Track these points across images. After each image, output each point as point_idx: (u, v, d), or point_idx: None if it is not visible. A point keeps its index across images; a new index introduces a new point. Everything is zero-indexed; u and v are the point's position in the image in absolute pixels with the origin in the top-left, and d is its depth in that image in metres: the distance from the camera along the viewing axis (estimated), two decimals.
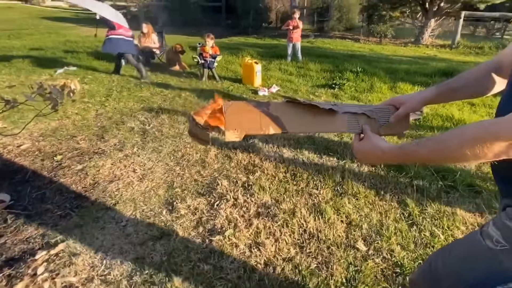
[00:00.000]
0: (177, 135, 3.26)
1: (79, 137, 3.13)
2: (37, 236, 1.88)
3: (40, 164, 2.64)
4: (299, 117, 0.86)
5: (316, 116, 0.87)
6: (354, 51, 9.97)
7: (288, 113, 0.86)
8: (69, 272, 1.64)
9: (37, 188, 2.34)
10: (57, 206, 2.15)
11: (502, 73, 0.84)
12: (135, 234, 1.92)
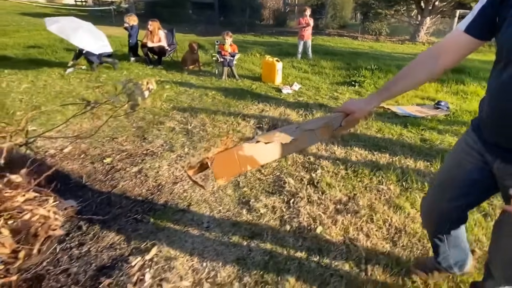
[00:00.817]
0: (223, 134, 3.25)
1: (119, 139, 3.07)
2: (121, 242, 1.84)
3: (91, 167, 2.57)
4: (269, 149, 1.06)
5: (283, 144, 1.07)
6: (356, 48, 10.18)
7: (259, 150, 1.06)
8: (173, 277, 1.62)
9: (99, 192, 2.28)
10: (129, 210, 2.11)
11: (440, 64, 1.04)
12: (224, 235, 1.91)
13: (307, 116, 3.90)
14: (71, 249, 1.76)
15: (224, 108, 4.03)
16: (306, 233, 1.93)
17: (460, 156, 1.16)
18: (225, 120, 3.60)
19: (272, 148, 1.06)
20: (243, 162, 1.04)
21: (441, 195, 1.25)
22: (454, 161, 1.21)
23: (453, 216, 1.27)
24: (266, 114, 3.88)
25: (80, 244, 1.80)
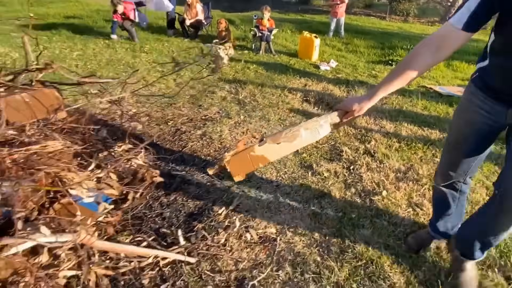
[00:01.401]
0: (272, 104, 3.32)
1: (177, 105, 3.17)
2: (202, 194, 1.98)
3: (158, 128, 2.70)
4: (277, 149, 1.23)
5: (289, 143, 1.22)
6: (385, 28, 9.86)
7: (268, 150, 1.22)
8: (257, 225, 1.75)
9: (171, 151, 2.42)
10: (202, 167, 2.24)
11: (436, 59, 1.07)
12: (294, 193, 2.03)
13: (350, 92, 3.91)
14: (160, 198, 1.91)
15: (268, 81, 4.07)
16: (372, 196, 2.02)
17: (469, 116, 1.24)
18: (272, 92, 3.66)
19: (279, 147, 1.23)
20: (255, 161, 1.25)
21: (457, 153, 1.35)
22: (464, 121, 1.29)
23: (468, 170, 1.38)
24: (310, 89, 3.91)
25: (166, 194, 1.95)
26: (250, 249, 1.60)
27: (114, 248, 1.32)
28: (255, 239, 1.66)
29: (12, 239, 1.07)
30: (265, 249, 1.61)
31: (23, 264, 1.29)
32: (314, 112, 3.24)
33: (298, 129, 1.23)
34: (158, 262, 1.46)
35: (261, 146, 1.22)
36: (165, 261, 1.47)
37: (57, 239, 1.14)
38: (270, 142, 1.22)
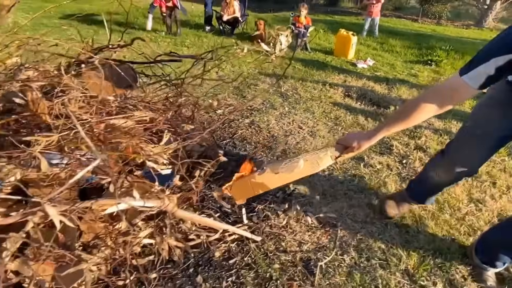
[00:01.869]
0: (315, 98, 3.28)
1: (222, 95, 3.20)
2: None
3: (207, 116, 2.73)
4: (276, 178, 1.30)
5: (288, 173, 1.28)
6: (418, 30, 9.57)
7: (268, 178, 1.30)
8: (316, 210, 1.73)
9: (222, 137, 2.44)
10: (253, 153, 2.24)
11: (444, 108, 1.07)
12: (348, 182, 1.99)
13: (391, 90, 3.81)
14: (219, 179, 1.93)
15: (307, 76, 4.04)
16: None
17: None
18: (314, 86, 3.62)
19: (278, 177, 1.29)
20: (256, 187, 1.33)
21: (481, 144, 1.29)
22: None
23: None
24: (350, 85, 3.84)
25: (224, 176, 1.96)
26: (312, 232, 1.58)
27: (193, 218, 1.34)
28: (315, 223, 1.64)
29: (107, 200, 1.11)
30: (326, 233, 1.59)
31: (104, 229, 1.34)
32: (358, 107, 3.18)
33: (298, 160, 1.29)
34: (225, 238, 1.47)
35: (261, 175, 1.31)
36: (231, 238, 1.48)
37: (145, 204, 1.17)
38: (270, 171, 1.30)
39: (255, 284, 1.30)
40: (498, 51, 0.92)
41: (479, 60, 0.97)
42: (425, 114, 1.08)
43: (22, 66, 1.42)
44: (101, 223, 1.36)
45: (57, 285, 1.10)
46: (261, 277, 1.33)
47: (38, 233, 1.07)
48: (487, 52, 0.96)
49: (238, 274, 1.34)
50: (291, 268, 1.38)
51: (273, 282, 1.31)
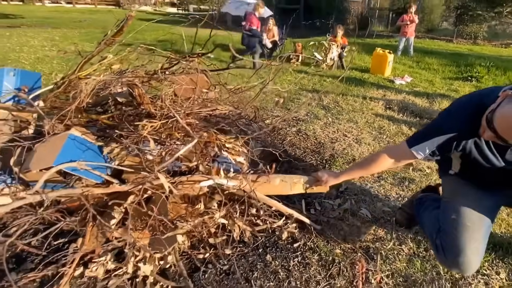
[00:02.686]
0: (356, 110, 3.38)
1: (268, 108, 3.40)
2: None
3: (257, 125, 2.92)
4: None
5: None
6: (454, 50, 9.37)
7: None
8: (369, 207, 1.79)
9: (272, 143, 2.59)
10: (303, 157, 2.36)
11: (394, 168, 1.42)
12: (398, 184, 2.03)
13: (432, 103, 3.79)
14: None
15: (346, 91, 4.15)
16: None
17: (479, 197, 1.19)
18: (354, 100, 3.72)
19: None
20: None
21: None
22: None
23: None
24: (390, 98, 3.89)
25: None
26: (368, 225, 1.65)
27: (264, 198, 1.48)
28: (370, 217, 1.71)
29: (199, 177, 1.29)
30: (382, 226, 1.64)
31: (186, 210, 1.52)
32: (400, 118, 3.21)
33: (276, 177, 1.48)
34: (287, 225, 1.59)
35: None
36: (293, 225, 1.59)
37: (228, 182, 1.33)
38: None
39: (319, 265, 1.39)
40: (436, 132, 1.11)
41: (424, 136, 1.15)
42: (381, 168, 1.34)
43: (126, 70, 1.71)
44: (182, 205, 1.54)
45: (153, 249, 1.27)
46: (324, 259, 1.42)
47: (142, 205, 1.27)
48: (430, 130, 1.16)
49: (303, 255, 1.43)
50: (352, 254, 1.45)
51: (336, 264, 1.39)
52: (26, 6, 23.59)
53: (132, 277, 1.27)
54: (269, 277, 1.32)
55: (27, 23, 12.71)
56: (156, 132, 1.37)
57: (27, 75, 1.60)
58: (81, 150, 1.28)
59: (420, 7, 14.77)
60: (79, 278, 1.26)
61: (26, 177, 1.29)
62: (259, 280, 1.30)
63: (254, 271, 1.34)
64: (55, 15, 17.60)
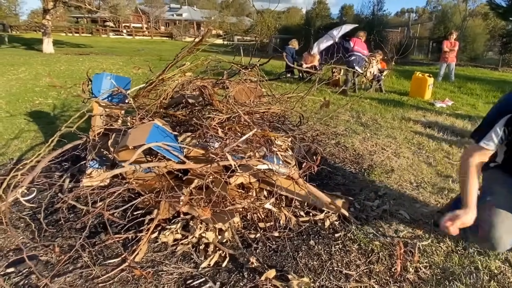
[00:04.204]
0: (395, 127, 3.44)
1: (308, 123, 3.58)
2: (349, 183, 2.20)
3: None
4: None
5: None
6: (499, 78, 8.94)
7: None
8: (407, 209, 1.85)
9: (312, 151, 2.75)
10: (342, 166, 2.48)
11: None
12: (437, 193, 2.06)
13: (474, 125, 3.71)
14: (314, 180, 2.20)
15: (385, 111, 4.21)
16: None
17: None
18: (393, 118, 3.78)
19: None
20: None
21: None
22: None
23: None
24: (430, 119, 3.88)
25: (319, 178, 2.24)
26: (405, 224, 1.71)
27: (310, 188, 1.64)
28: (408, 218, 1.77)
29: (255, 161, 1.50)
30: (419, 227, 1.70)
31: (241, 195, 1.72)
32: (440, 137, 3.21)
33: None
34: (328, 218, 1.71)
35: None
36: (333, 218, 1.71)
37: (279, 169, 1.52)
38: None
39: (359, 252, 1.49)
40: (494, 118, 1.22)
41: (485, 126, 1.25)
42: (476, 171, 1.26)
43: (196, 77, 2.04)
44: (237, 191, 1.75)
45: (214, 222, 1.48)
46: (364, 249, 1.52)
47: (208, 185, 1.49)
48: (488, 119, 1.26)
49: (343, 243, 1.54)
50: (390, 246, 1.53)
51: (375, 253, 1.48)
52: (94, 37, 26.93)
53: (195, 245, 1.47)
54: (313, 257, 1.45)
55: (95, 51, 14.50)
56: (221, 126, 1.63)
57: (119, 79, 1.97)
58: (163, 136, 1.56)
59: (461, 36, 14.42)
60: (153, 243, 1.49)
61: (118, 157, 1.59)
62: (303, 259, 1.43)
63: (299, 252, 1.48)
64: (118, 45, 19.84)
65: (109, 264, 1.34)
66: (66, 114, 3.69)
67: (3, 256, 1.40)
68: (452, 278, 1.33)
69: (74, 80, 5.99)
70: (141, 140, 1.42)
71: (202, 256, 1.41)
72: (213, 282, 1.27)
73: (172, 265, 1.36)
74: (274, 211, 1.69)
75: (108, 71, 7.69)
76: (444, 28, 14.57)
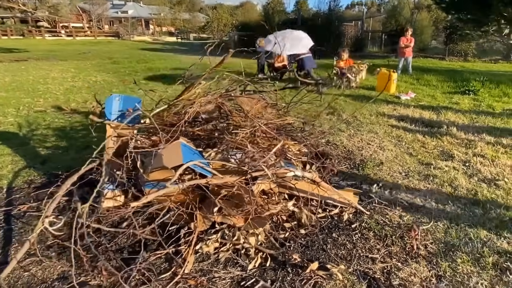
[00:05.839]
0: (374, 122, 3.88)
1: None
2: (348, 178, 2.52)
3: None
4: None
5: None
6: (448, 67, 10.14)
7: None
8: (405, 197, 2.22)
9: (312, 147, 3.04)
10: (338, 162, 2.80)
11: None
12: (424, 179, 2.47)
13: (438, 115, 4.31)
14: None
15: (360, 107, 4.67)
16: (496, 182, 2.38)
17: None
18: (370, 114, 4.24)
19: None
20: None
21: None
22: None
23: None
24: (401, 113, 4.41)
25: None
26: (406, 210, 2.07)
27: (330, 188, 1.90)
28: (407, 204, 2.13)
29: (284, 170, 1.72)
30: (419, 212, 2.06)
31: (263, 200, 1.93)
32: (414, 128, 3.71)
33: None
34: (346, 211, 2.00)
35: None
36: (350, 212, 2.00)
37: (303, 174, 1.77)
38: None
39: (375, 238, 1.80)
40: None
41: None
42: None
43: (207, 93, 2.19)
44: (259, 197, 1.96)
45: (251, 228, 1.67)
46: (379, 235, 1.83)
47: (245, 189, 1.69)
48: None
49: (361, 232, 1.84)
50: (399, 230, 1.86)
51: (389, 237, 1.80)
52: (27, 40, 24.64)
53: (235, 251, 1.66)
54: (340, 248, 1.72)
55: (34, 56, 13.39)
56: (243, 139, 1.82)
57: (128, 99, 2.06)
58: (192, 153, 1.71)
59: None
60: (195, 254, 1.65)
61: (148, 177, 1.71)
62: (333, 250, 1.70)
63: (327, 244, 1.74)
64: (58, 48, 18.46)
65: (163, 279, 1.48)
66: (38, 133, 3.54)
67: (49, 287, 1.45)
68: (454, 249, 1.69)
69: (29, 93, 5.63)
70: (178, 160, 1.56)
71: (246, 259, 1.60)
72: (264, 281, 1.47)
73: (221, 271, 1.53)
74: (296, 211, 1.94)
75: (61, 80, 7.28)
76: (395, 21, 15.93)
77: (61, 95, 5.52)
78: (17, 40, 23.76)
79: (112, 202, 1.96)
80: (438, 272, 1.54)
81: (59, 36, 26.99)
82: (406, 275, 1.52)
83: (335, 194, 1.95)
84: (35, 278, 1.50)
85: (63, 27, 28.04)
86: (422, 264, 1.59)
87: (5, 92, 5.73)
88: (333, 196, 1.98)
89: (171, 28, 33.09)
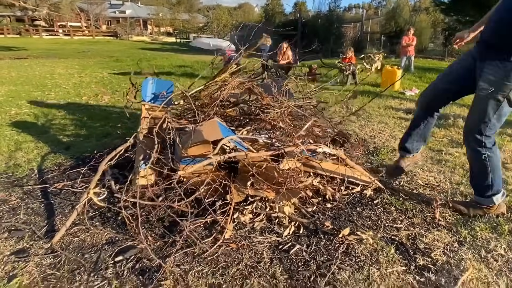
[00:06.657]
0: (383, 114, 4.04)
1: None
2: (365, 163, 2.67)
3: None
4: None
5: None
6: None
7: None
8: (418, 177, 2.36)
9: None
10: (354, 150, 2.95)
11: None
12: (436, 163, 2.62)
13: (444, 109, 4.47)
14: None
15: (367, 101, 4.83)
16: (505, 165, 2.54)
17: (463, 58, 1.87)
18: (378, 106, 4.40)
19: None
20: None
21: (440, 78, 1.96)
22: (458, 61, 1.92)
23: (443, 97, 1.99)
24: (407, 107, 4.58)
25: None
26: (423, 189, 2.21)
27: (354, 165, 2.04)
28: (423, 184, 2.27)
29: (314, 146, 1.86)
30: (435, 190, 2.21)
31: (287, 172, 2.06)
32: None
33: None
34: (364, 189, 2.14)
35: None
36: (372, 188, 2.14)
37: (329, 151, 1.90)
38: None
39: (397, 212, 1.93)
40: None
41: None
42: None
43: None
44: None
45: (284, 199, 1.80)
46: (400, 209, 1.96)
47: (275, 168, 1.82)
48: None
49: (383, 207, 1.98)
50: (418, 205, 2.00)
51: (410, 211, 1.94)
52: (24, 38, 24.62)
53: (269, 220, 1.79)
54: (365, 219, 1.86)
55: (33, 54, 13.44)
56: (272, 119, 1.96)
57: (161, 83, 2.18)
58: (227, 130, 1.84)
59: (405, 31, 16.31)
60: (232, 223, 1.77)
61: (187, 152, 1.83)
62: (359, 221, 1.83)
63: (353, 216, 1.87)
64: (57, 47, 18.52)
65: (206, 243, 1.60)
66: (56, 123, 3.64)
67: (99, 249, 1.57)
68: (472, 220, 1.83)
69: (38, 87, 5.72)
70: (218, 135, 1.69)
71: (280, 228, 1.73)
72: (300, 245, 1.60)
73: (259, 237, 1.66)
74: (321, 188, 2.07)
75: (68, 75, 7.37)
76: (394, 23, 16.23)
77: (71, 89, 5.62)
78: (14, 38, 23.76)
79: (144, 180, 2.08)
80: (459, 238, 1.68)
81: (56, 35, 26.99)
82: (430, 241, 1.66)
83: (359, 172, 2.09)
84: (85, 243, 1.61)
85: (60, 26, 28.07)
86: (443, 232, 1.74)
87: (14, 86, 5.82)
88: (356, 174, 2.11)
89: (169, 29, 33.20)
